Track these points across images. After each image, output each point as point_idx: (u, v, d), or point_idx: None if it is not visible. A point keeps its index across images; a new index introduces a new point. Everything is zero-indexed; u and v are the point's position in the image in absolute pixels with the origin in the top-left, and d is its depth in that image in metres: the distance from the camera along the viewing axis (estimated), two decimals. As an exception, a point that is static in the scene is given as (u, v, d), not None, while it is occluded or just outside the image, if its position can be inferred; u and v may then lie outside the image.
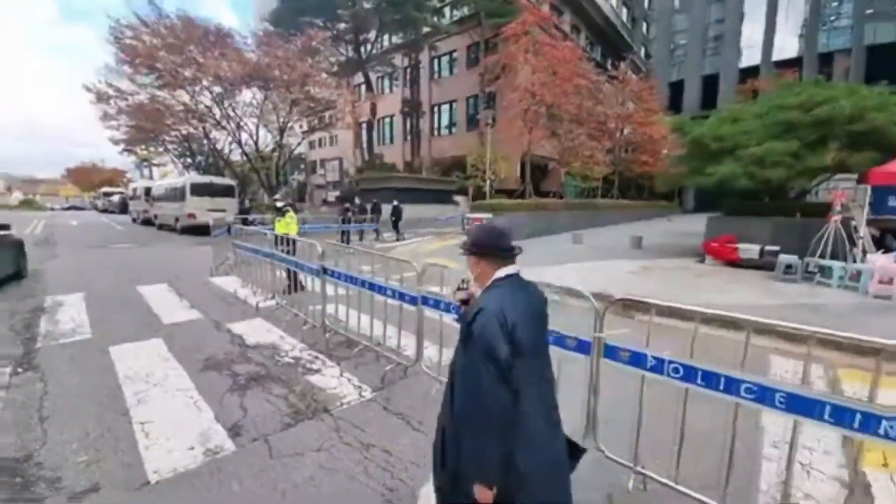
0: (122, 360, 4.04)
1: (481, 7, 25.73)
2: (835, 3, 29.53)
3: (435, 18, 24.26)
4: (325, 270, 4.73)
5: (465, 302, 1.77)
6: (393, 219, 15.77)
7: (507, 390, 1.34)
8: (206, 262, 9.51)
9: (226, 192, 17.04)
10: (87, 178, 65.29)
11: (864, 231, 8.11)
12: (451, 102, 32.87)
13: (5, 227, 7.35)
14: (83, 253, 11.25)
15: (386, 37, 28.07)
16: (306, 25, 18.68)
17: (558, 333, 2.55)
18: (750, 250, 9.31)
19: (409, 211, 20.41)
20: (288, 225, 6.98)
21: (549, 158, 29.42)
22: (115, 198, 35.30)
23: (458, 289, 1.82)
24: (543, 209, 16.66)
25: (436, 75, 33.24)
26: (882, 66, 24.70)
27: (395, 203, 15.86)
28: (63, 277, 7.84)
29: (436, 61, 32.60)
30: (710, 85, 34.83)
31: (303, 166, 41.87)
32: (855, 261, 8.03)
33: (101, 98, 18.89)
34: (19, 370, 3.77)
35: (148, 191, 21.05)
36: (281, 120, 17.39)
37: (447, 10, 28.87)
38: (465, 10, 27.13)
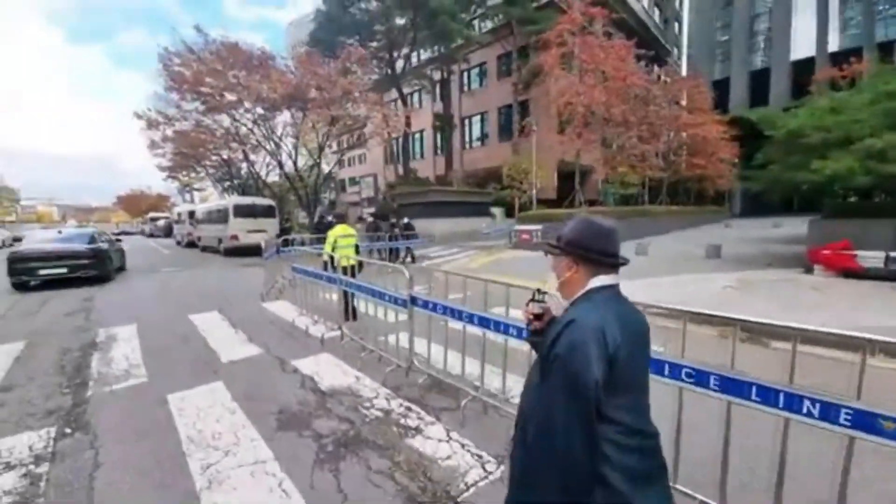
0: (184, 412, 3.39)
1: (513, 16, 25.31)
2: None
3: (468, 30, 23.97)
4: (413, 300, 3.95)
5: (537, 317, 1.36)
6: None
7: (595, 438, 1.02)
8: (253, 285, 9.07)
9: (267, 212, 16.96)
10: (135, 204, 69.10)
11: None
12: (482, 114, 32.47)
13: (119, 238, 11.08)
14: (134, 278, 11.13)
15: (417, 52, 28.09)
16: (343, 45, 18.71)
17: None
18: (873, 258, 7.92)
19: (446, 225, 19.78)
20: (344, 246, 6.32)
21: (585, 166, 28.36)
22: (161, 222, 36.70)
23: (532, 300, 1.39)
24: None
25: (465, 87, 33.02)
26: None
27: (406, 220, 13.97)
28: (116, 304, 7.54)
29: (465, 74, 32.41)
30: (759, 81, 32.80)
31: (332, 185, 42.45)
32: None
33: (151, 125, 19.51)
34: (67, 430, 3.17)
35: (192, 214, 21.45)
36: (320, 138, 17.29)
37: (477, 22, 28.69)
38: (497, 20, 26.76)
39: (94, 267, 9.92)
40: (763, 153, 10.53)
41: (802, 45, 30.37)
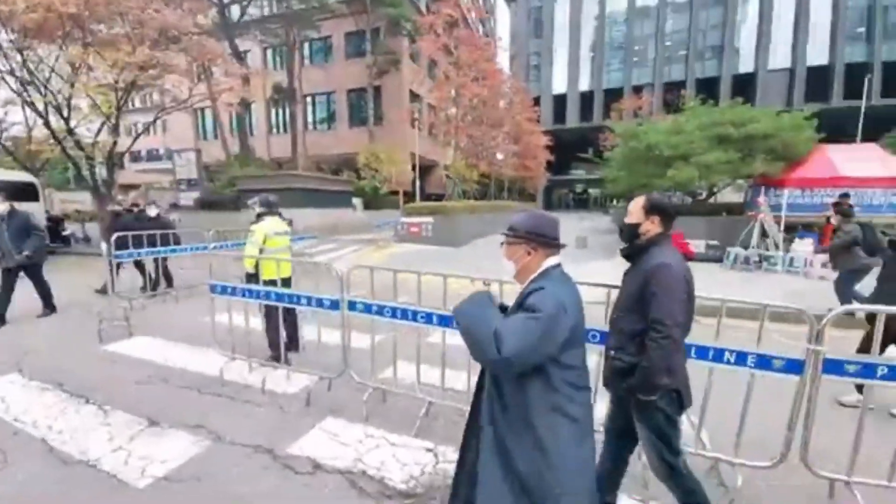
0: None
1: (369, -9, 23.55)
2: (669, 42, 37.69)
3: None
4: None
5: None
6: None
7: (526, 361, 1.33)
8: (56, 319, 5.45)
9: (19, 193, 10.76)
10: None
11: (772, 227, 10.01)
12: (328, 94, 29.46)
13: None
14: None
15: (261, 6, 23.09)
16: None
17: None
18: (698, 245, 10.55)
19: (311, 216, 17.08)
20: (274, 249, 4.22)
21: (431, 160, 29.34)
22: None
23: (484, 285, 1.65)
24: (474, 212, 16.07)
25: (307, 61, 29.28)
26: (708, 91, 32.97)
27: (157, 211, 7.34)
28: None
29: (309, 45, 28.67)
30: (560, 102, 40.72)
31: (101, 159, 31.21)
32: (767, 249, 9.85)
33: None
34: None
35: None
36: (117, 94, 11.88)
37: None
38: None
39: None
40: (617, 161, 12.76)
41: (617, 76, 39.27)
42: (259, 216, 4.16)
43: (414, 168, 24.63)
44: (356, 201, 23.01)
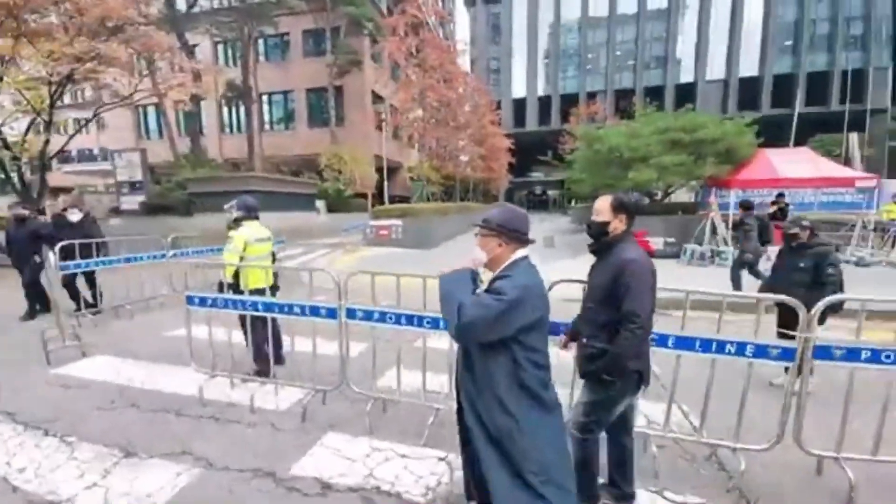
0: None
1: (329, -11, 22.88)
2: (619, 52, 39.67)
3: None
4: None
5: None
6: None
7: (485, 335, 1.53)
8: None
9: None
10: None
11: (720, 225, 10.83)
12: (285, 93, 28.40)
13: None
14: None
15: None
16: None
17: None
18: (657, 242, 11.17)
19: (271, 221, 16.30)
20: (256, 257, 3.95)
21: (395, 162, 29.05)
22: None
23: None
24: (443, 213, 16.07)
25: (261, 58, 28.01)
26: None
27: (78, 212, 6.18)
28: None
29: (264, 42, 27.44)
30: (520, 106, 41.81)
31: (26, 160, 28.15)
32: (717, 245, 10.64)
33: None
34: None
35: None
36: (51, 87, 10.66)
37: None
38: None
39: None
40: (580, 164, 13.25)
41: (572, 82, 40.72)
42: (237, 221, 3.87)
43: (381, 170, 24.32)
44: (319, 204, 22.27)
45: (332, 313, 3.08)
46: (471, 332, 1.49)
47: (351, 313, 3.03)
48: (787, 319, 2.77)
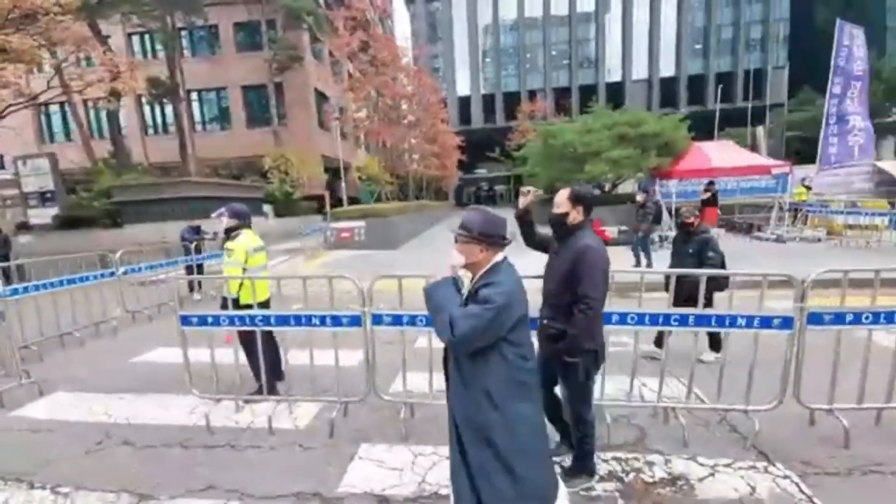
0: None
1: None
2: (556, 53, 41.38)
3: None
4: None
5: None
6: None
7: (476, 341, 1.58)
8: None
9: None
10: None
11: (665, 212, 11.89)
12: (218, 90, 26.31)
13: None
14: None
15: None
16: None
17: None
18: (612, 231, 11.97)
19: (219, 227, 15.10)
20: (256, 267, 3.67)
21: (344, 162, 28.18)
22: None
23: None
24: (404, 213, 15.90)
25: (186, 52, 25.67)
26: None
27: None
28: None
29: (189, 34, 25.15)
30: (465, 104, 42.40)
31: None
32: (663, 231, 11.67)
33: None
34: None
35: None
36: None
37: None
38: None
39: None
40: (535, 158, 13.79)
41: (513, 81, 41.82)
42: (230, 231, 3.55)
43: (337, 171, 23.42)
44: (266, 208, 20.98)
45: (355, 321, 2.96)
46: (466, 344, 1.56)
47: (377, 319, 2.93)
48: (687, 295, 2.99)
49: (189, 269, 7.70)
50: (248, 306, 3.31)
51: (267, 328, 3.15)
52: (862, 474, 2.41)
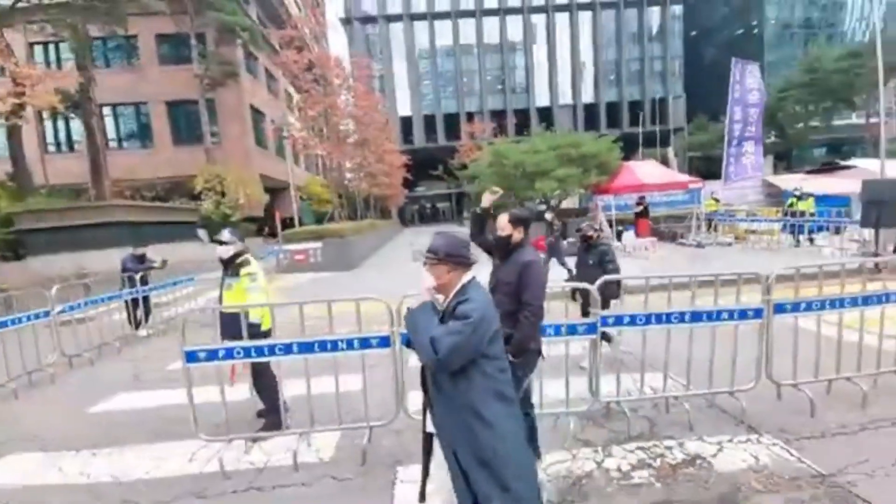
0: None
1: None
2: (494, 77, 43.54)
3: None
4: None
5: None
6: None
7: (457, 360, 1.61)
8: None
9: None
10: None
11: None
12: (137, 105, 24.07)
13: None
14: None
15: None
16: None
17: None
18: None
19: (150, 254, 13.55)
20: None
21: (281, 181, 27.03)
22: None
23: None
24: (360, 232, 15.62)
25: (98, 63, 23.21)
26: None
27: None
28: None
29: (102, 43, 22.81)
30: (407, 124, 42.97)
31: None
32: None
33: None
34: None
35: None
36: None
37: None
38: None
39: None
40: (485, 177, 14.44)
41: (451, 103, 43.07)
42: (237, 257, 3.38)
43: (276, 191, 22.29)
44: (201, 233, 19.29)
45: (384, 342, 2.95)
46: (450, 362, 1.59)
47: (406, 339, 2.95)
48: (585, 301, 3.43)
49: (134, 303, 6.90)
50: (268, 333, 3.19)
51: (287, 357, 2.99)
52: (832, 435, 2.92)
